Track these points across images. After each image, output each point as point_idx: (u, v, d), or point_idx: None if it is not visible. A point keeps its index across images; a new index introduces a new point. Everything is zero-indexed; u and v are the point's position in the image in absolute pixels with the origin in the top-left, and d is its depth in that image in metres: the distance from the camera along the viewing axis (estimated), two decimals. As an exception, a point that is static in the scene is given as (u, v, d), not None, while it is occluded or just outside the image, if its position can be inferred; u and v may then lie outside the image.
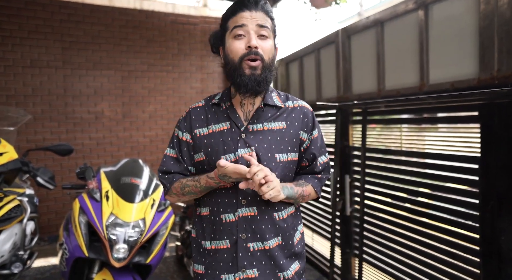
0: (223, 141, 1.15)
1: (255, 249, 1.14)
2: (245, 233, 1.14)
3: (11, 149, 2.01)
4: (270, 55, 1.13)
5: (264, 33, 1.11)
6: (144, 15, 4.66)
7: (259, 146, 1.14)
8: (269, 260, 1.15)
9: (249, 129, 1.16)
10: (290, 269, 1.19)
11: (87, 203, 1.99)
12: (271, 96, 1.22)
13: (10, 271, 1.98)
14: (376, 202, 2.49)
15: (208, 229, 1.19)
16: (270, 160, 1.13)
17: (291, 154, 1.18)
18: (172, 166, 1.24)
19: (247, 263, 1.14)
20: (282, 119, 1.19)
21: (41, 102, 4.16)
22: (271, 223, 1.15)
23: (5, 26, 3.93)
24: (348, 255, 2.87)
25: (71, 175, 4.33)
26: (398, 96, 2.31)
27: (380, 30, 2.47)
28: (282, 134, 1.17)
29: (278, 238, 1.17)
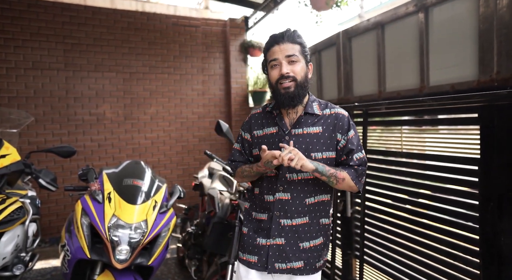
0: (272, 141, 1.51)
1: (284, 224, 1.48)
2: (279, 211, 1.49)
3: (14, 151, 2.02)
4: (302, 74, 1.44)
5: (293, 59, 1.43)
6: (146, 17, 4.68)
7: (298, 146, 1.44)
8: (294, 233, 1.48)
9: (292, 133, 1.48)
10: (310, 242, 1.49)
11: (90, 204, 2.00)
12: (311, 105, 1.50)
13: (12, 273, 1.99)
14: (377, 203, 2.50)
15: (256, 203, 1.59)
16: (306, 157, 1.39)
17: (326, 153, 1.46)
18: (238, 157, 1.66)
19: (277, 233, 1.48)
20: (319, 124, 1.48)
21: (42, 104, 4.18)
22: (301, 206, 1.47)
23: (8, 28, 3.95)
24: (349, 256, 2.87)
25: (72, 177, 4.34)
26: (398, 97, 2.32)
27: (381, 33, 2.48)
28: (318, 136, 1.46)
29: (305, 218, 1.48)
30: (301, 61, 1.45)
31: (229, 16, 5.16)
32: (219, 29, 5.09)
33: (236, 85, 5.09)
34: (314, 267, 1.50)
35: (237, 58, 5.05)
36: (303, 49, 1.46)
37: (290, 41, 1.43)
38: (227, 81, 5.11)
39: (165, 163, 4.86)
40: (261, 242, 1.51)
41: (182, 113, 4.93)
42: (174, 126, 4.89)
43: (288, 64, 1.42)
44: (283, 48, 1.42)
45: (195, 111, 5.00)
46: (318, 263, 1.53)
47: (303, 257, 1.48)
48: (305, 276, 1.50)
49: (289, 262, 1.47)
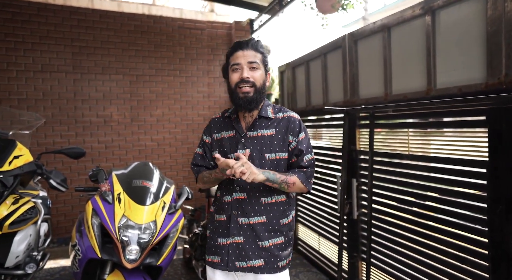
0: (229, 144, 1.60)
1: (242, 223, 1.56)
2: (236, 211, 1.57)
3: (27, 152, 2.06)
4: (261, 81, 1.54)
5: (254, 66, 1.53)
6: (152, 20, 4.73)
7: (253, 148, 1.56)
8: (252, 232, 1.55)
9: (247, 135, 1.57)
10: (269, 241, 1.56)
11: (100, 205, 2.03)
12: (266, 109, 1.60)
13: (24, 271, 2.02)
14: (383, 206, 2.50)
15: (217, 205, 1.66)
16: (260, 158, 1.55)
17: (279, 154, 1.56)
18: (200, 161, 1.72)
19: (236, 232, 1.56)
20: (273, 127, 1.57)
21: (51, 106, 4.24)
22: (258, 205, 1.55)
23: (18, 32, 4.02)
24: (356, 259, 2.88)
25: (79, 178, 4.39)
26: (405, 100, 2.33)
27: (387, 35, 2.50)
28: (272, 138, 1.56)
29: (262, 217, 1.55)
30: (261, 69, 1.54)
31: (234, 19, 5.20)
32: (224, 31, 5.13)
33: (242, 87, 5.11)
34: (276, 266, 1.55)
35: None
36: (264, 59, 1.56)
37: (254, 49, 1.53)
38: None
39: (171, 165, 4.90)
40: (222, 242, 1.58)
41: (188, 115, 4.96)
42: (180, 128, 4.92)
43: (249, 70, 1.51)
44: (246, 54, 1.51)
45: (201, 113, 5.03)
46: (281, 263, 1.57)
47: (263, 255, 1.54)
48: (268, 275, 1.55)
49: (249, 260, 1.54)
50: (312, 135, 3.82)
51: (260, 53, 1.55)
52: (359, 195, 2.80)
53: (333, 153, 3.25)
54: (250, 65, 1.51)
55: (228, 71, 1.58)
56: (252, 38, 1.57)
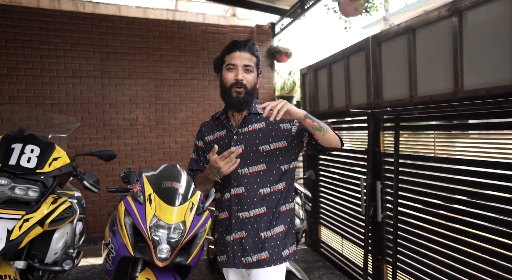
0: (222, 143, 1.62)
1: (243, 217, 1.57)
2: (236, 206, 1.58)
3: (64, 154, 2.17)
4: (252, 83, 1.57)
5: (249, 69, 1.55)
6: (176, 25, 4.85)
7: (246, 142, 1.58)
8: (253, 224, 1.56)
9: (239, 132, 1.60)
10: (270, 231, 1.56)
11: (132, 205, 2.11)
12: (254, 106, 1.62)
13: (61, 267, 2.13)
14: (409, 208, 2.49)
15: (219, 206, 1.68)
16: (254, 151, 1.56)
17: (273, 144, 1.57)
18: (195, 165, 1.75)
19: (237, 227, 1.58)
20: (262, 120, 1.60)
21: (81, 109, 4.41)
22: (257, 197, 1.56)
23: (51, 40, 4.21)
24: (380, 262, 2.86)
25: (107, 179, 4.54)
26: (431, 102, 2.31)
27: (412, 37, 2.49)
28: (263, 131, 1.58)
29: (262, 208, 1.56)
30: (254, 72, 1.58)
31: (256, 22, 5.26)
32: (246, 35, 5.20)
33: (263, 90, 5.17)
34: (280, 256, 1.55)
35: (264, 64, 5.14)
36: (258, 62, 1.60)
37: (250, 52, 1.55)
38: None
39: (194, 167, 4.98)
40: (227, 239, 1.60)
41: (211, 118, 5.04)
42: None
43: (243, 72, 1.54)
44: (243, 56, 1.54)
45: (223, 116, 5.10)
46: (284, 252, 1.57)
47: (266, 247, 1.54)
48: (274, 267, 1.54)
49: (254, 254, 1.54)
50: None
51: (256, 57, 1.58)
52: (384, 198, 2.78)
53: (356, 156, 3.25)
54: (245, 68, 1.54)
55: (222, 68, 1.60)
56: (249, 40, 1.59)
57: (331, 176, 3.72)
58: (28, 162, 1.99)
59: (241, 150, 1.55)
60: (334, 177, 3.65)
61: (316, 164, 4.02)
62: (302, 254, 4.08)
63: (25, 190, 1.95)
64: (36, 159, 2.01)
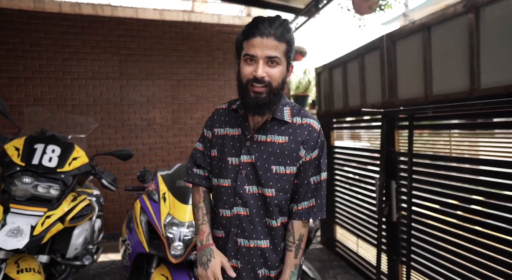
0: (232, 145, 1.29)
1: (242, 244, 1.27)
2: (236, 229, 1.28)
3: (83, 154, 2.27)
4: (279, 79, 1.20)
5: (274, 61, 1.17)
6: (192, 27, 4.93)
7: (258, 156, 1.24)
8: (252, 257, 1.27)
9: (254, 139, 1.26)
10: (270, 271, 1.29)
11: (147, 203, 2.18)
12: (282, 110, 1.27)
13: (82, 262, 2.23)
14: (424, 208, 2.45)
15: (213, 220, 1.37)
16: (266, 170, 1.23)
17: (289, 167, 1.24)
18: (200, 159, 1.39)
19: (233, 254, 1.29)
20: (286, 134, 1.25)
21: (100, 110, 4.55)
22: (261, 226, 1.26)
23: (72, 43, 4.37)
24: (396, 262, 2.83)
25: (126, 178, 4.66)
26: (446, 101, 2.28)
27: (427, 35, 2.45)
28: (282, 147, 1.24)
29: (266, 241, 1.26)
30: (282, 64, 1.19)
31: (271, 22, 5.26)
32: (261, 35, 5.21)
33: (278, 89, 5.18)
34: None
35: (279, 63, 5.14)
36: (289, 48, 1.19)
37: (277, 38, 1.15)
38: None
39: (210, 166, 5.05)
40: None
41: (226, 117, 5.10)
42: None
43: (266, 65, 1.17)
44: (266, 45, 1.15)
45: (239, 115, 5.15)
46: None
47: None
48: None
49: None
50: (350, 136, 3.80)
51: (285, 42, 1.17)
52: (399, 197, 2.76)
53: (371, 155, 3.22)
54: (268, 60, 1.16)
55: (240, 55, 1.24)
56: (277, 18, 1.18)
57: (346, 175, 3.70)
58: (50, 161, 2.08)
59: (235, 275, 1.25)
60: (349, 177, 3.63)
61: (331, 163, 4.00)
62: (317, 253, 4.08)
63: (47, 188, 2.05)
64: (57, 159, 2.11)
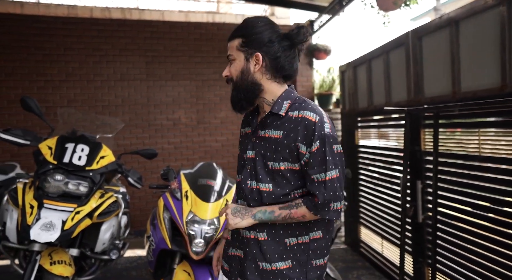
0: (245, 142, 1.33)
1: (243, 235, 1.28)
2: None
3: (110, 153, 2.37)
4: (237, 72, 1.22)
5: (231, 58, 1.24)
6: (216, 27, 5.00)
7: (259, 151, 1.25)
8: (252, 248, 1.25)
9: (257, 134, 1.28)
10: (270, 264, 1.22)
11: (170, 201, 2.24)
12: (281, 104, 1.23)
13: (109, 256, 2.33)
14: (451, 209, 2.37)
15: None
16: (263, 166, 1.23)
17: (283, 163, 1.19)
18: None
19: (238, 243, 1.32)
20: (281, 128, 1.20)
21: (128, 111, 4.71)
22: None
23: (102, 46, 4.55)
24: (421, 264, 2.75)
25: (152, 176, 4.80)
26: (475, 98, 2.18)
27: (455, 30, 2.36)
28: (277, 143, 1.20)
29: (263, 234, 1.23)
30: (238, 58, 1.21)
31: (295, 21, 5.25)
32: (285, 34, 5.20)
33: (302, 88, 5.16)
34: None
35: (302, 62, 5.12)
36: (244, 41, 1.19)
37: (232, 38, 1.23)
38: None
39: (235, 165, 5.08)
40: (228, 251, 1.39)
41: (250, 117, 5.13)
42: (242, 129, 5.12)
43: (228, 66, 1.25)
44: (228, 47, 1.25)
45: (262, 114, 5.17)
46: None
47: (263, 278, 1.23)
48: None
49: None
50: (375, 135, 3.72)
51: (238, 37, 1.21)
52: (424, 198, 2.68)
53: (396, 154, 3.14)
54: (229, 60, 1.25)
55: None
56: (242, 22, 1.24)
57: (371, 175, 3.63)
58: (79, 160, 2.19)
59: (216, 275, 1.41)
60: (374, 176, 3.56)
61: (356, 162, 3.94)
62: (341, 253, 4.03)
63: (76, 186, 2.16)
64: (85, 158, 2.22)
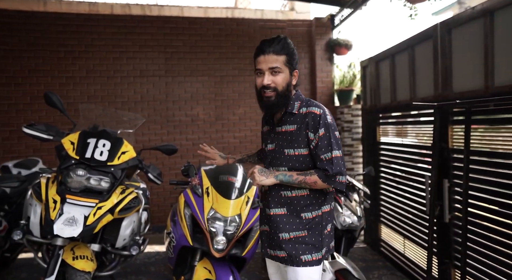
0: (266, 138, 1.71)
1: (267, 213, 1.65)
2: (263, 201, 1.70)
3: (131, 148, 2.36)
4: (283, 84, 1.54)
5: (276, 70, 1.53)
6: (235, 23, 4.95)
7: (277, 143, 1.63)
8: (273, 223, 1.61)
9: (276, 130, 1.65)
10: (289, 233, 1.57)
11: (191, 198, 2.22)
12: (293, 104, 1.60)
13: (129, 252, 2.33)
14: (481, 210, 2.26)
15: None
16: (281, 153, 1.60)
17: (298, 150, 1.57)
18: None
19: (265, 220, 1.67)
20: (295, 123, 1.58)
21: (147, 107, 4.73)
22: (277, 198, 1.61)
23: (122, 43, 4.58)
24: (448, 265, 2.65)
25: (170, 172, 4.81)
26: (510, 93, 2.07)
27: (489, 21, 2.24)
28: (292, 134, 1.58)
29: (283, 209, 1.59)
30: (284, 72, 1.54)
31: (315, 15, 5.15)
32: (304, 29, 5.12)
33: (322, 84, 5.06)
34: (298, 259, 1.54)
35: (322, 57, 5.03)
36: (289, 59, 1.53)
37: (275, 53, 1.51)
38: (312, 80, 5.12)
39: (252, 162, 5.07)
40: (260, 228, 1.76)
41: (268, 113, 5.08)
42: (260, 125, 5.06)
43: (270, 75, 1.52)
44: (267, 60, 1.51)
45: (281, 111, 5.10)
46: (304, 257, 1.54)
47: (283, 247, 1.56)
48: (291, 268, 1.56)
49: (275, 250, 1.60)
50: (397, 132, 3.61)
51: (284, 54, 1.52)
52: (452, 197, 2.57)
53: (421, 151, 3.03)
54: (271, 70, 1.52)
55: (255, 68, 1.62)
56: (276, 38, 1.54)
57: (393, 173, 3.52)
58: (101, 155, 2.19)
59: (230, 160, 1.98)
60: (396, 174, 3.45)
61: (377, 160, 3.84)
62: (361, 252, 3.94)
63: (98, 181, 2.16)
64: (107, 153, 2.21)
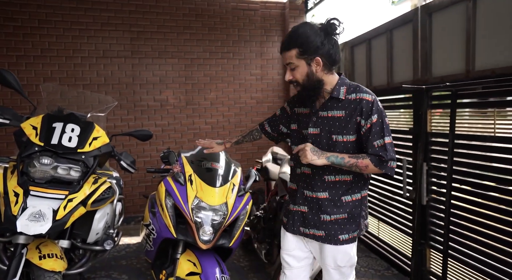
0: (304, 120, 1.68)
1: (307, 195, 1.66)
2: (303, 183, 1.68)
3: (103, 133, 2.13)
4: (303, 76, 1.55)
5: (292, 66, 1.56)
6: (206, 3, 4.70)
7: (322, 128, 1.60)
8: (315, 204, 1.63)
9: (318, 115, 1.62)
10: (330, 216, 1.61)
11: (173, 186, 2.06)
12: (339, 90, 1.57)
13: (103, 247, 2.13)
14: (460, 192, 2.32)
15: (290, 173, 1.81)
16: (328, 139, 1.58)
17: (346, 136, 1.55)
18: (271, 119, 1.92)
19: (301, 201, 1.68)
20: (343, 108, 1.56)
21: (112, 90, 4.40)
22: (320, 182, 1.61)
23: (82, 20, 4.18)
24: (423, 246, 2.73)
25: (138, 160, 4.52)
26: (493, 76, 2.10)
27: (471, 5, 2.25)
28: (340, 120, 1.56)
29: (325, 193, 1.61)
30: (300, 65, 1.54)
31: (288, -3, 5.02)
32: (278, 11, 4.98)
33: (295, 69, 4.99)
34: (336, 238, 1.60)
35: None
36: (301, 50, 1.51)
37: (286, 50, 1.54)
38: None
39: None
40: (290, 207, 1.74)
41: (241, 98, 4.94)
42: (233, 111, 4.92)
43: (290, 70, 1.58)
44: (283, 57, 1.58)
45: (254, 96, 4.98)
46: (342, 236, 1.61)
47: (323, 227, 1.61)
48: (329, 245, 1.62)
49: (312, 229, 1.64)
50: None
51: (294, 48, 1.52)
52: (429, 180, 2.62)
53: (398, 136, 3.07)
54: (289, 67, 1.57)
55: None
56: (287, 37, 1.55)
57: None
58: (69, 141, 1.96)
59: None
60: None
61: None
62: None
63: (67, 170, 1.93)
64: (77, 139, 1.98)
